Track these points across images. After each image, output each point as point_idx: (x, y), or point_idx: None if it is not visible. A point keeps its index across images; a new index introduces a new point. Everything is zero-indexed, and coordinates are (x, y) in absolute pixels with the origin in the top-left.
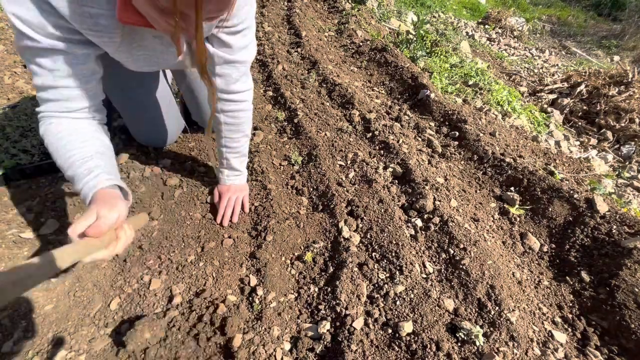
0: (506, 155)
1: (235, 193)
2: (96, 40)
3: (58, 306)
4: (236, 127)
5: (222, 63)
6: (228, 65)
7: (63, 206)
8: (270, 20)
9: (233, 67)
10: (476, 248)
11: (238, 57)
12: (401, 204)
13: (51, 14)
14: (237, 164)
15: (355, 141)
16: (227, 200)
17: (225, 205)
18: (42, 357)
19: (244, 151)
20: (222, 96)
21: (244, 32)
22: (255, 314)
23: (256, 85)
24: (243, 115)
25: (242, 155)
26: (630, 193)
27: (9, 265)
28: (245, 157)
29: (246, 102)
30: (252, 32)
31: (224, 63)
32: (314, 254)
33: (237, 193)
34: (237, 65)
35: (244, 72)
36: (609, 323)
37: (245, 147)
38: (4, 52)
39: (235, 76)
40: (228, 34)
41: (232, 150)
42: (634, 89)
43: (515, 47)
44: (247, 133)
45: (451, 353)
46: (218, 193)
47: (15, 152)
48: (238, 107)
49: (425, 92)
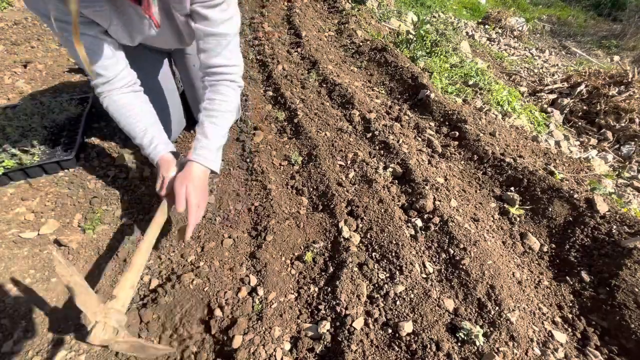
0: (506, 155)
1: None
2: (89, 13)
3: (58, 306)
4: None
5: (203, 36)
6: (209, 38)
7: (63, 206)
8: (270, 20)
9: (214, 39)
10: (476, 248)
11: (218, 29)
12: (401, 204)
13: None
14: (209, 131)
15: (355, 141)
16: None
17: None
18: (42, 357)
19: (221, 122)
20: (205, 71)
21: (221, 7)
22: (255, 314)
23: (256, 85)
24: (226, 90)
25: (218, 125)
26: (630, 193)
27: (8, 265)
28: (221, 133)
29: (230, 76)
30: (232, 6)
31: (204, 36)
32: (314, 254)
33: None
34: (218, 38)
35: (226, 46)
36: (609, 323)
37: (224, 119)
38: (4, 52)
39: (217, 50)
40: (205, 8)
41: (208, 114)
42: (634, 89)
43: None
44: (229, 104)
45: (451, 353)
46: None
47: (15, 152)
48: (220, 79)
49: (425, 92)
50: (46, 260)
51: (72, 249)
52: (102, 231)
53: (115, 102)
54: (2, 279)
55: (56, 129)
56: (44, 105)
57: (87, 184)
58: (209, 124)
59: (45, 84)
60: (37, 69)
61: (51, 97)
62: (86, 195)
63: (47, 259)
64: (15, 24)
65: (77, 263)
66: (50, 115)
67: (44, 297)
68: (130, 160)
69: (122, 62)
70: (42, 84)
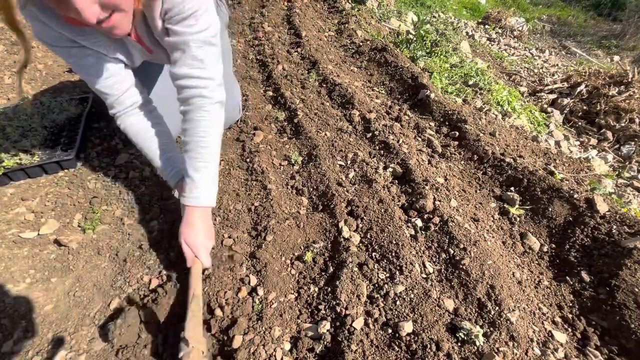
0: (506, 155)
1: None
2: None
3: (58, 306)
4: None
5: (172, 49)
6: (175, 50)
7: (63, 206)
8: (270, 20)
9: (180, 50)
10: (476, 248)
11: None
12: (401, 204)
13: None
14: (195, 172)
15: (355, 141)
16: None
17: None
18: (42, 357)
19: (204, 156)
20: (175, 83)
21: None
22: (255, 314)
23: (256, 85)
24: (198, 116)
25: (200, 160)
26: (630, 193)
27: (8, 265)
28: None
29: (200, 90)
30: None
31: (173, 48)
32: (314, 254)
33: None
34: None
35: (195, 55)
36: (609, 323)
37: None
38: (4, 52)
39: (183, 59)
40: (172, 24)
41: (189, 155)
42: (634, 89)
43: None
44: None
45: (451, 353)
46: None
47: (15, 152)
48: (190, 95)
49: (425, 92)
50: (46, 260)
51: (72, 249)
52: (102, 231)
53: (131, 126)
54: (2, 279)
55: (56, 129)
56: (44, 105)
57: (87, 184)
58: (194, 163)
59: (45, 84)
60: (37, 69)
61: (51, 97)
62: (86, 195)
63: (47, 259)
64: None
65: (77, 263)
66: (50, 115)
67: (44, 297)
68: (130, 160)
69: (128, 80)
70: (42, 84)
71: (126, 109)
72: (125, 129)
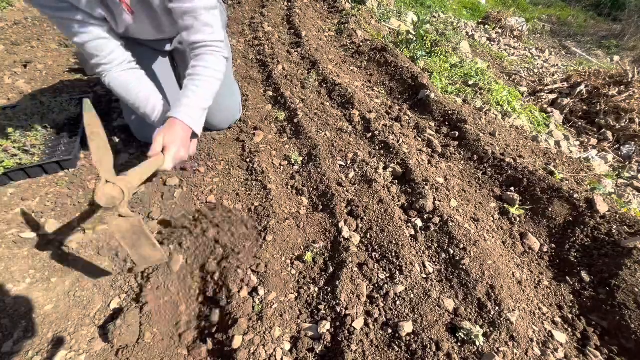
0: (506, 155)
1: (171, 143)
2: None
3: (58, 306)
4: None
5: (180, 15)
6: (186, 15)
7: (63, 206)
8: (270, 20)
9: (191, 17)
10: (476, 248)
11: (192, 5)
12: (401, 204)
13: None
14: (191, 91)
15: (355, 141)
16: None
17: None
18: (42, 357)
19: (204, 84)
20: (189, 47)
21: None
22: (256, 314)
23: (256, 85)
24: (208, 58)
25: (200, 87)
26: (630, 193)
27: (8, 265)
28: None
29: (213, 48)
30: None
31: (182, 14)
32: (314, 254)
33: (176, 145)
34: (194, 14)
35: (204, 21)
36: (609, 323)
37: (207, 83)
38: (4, 52)
39: (197, 27)
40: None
41: (191, 77)
42: (634, 89)
43: (515, 47)
44: (212, 71)
45: (451, 353)
46: (160, 141)
47: (15, 152)
48: (204, 51)
49: (425, 92)
50: (46, 260)
51: (72, 249)
52: (102, 231)
53: (115, 79)
54: (2, 279)
55: (56, 129)
56: (44, 105)
57: (87, 184)
58: (191, 86)
59: (45, 84)
60: (37, 69)
61: (51, 97)
62: (86, 195)
63: (47, 259)
64: (15, 24)
65: (77, 263)
66: (50, 115)
67: (44, 297)
68: (131, 160)
69: (113, 42)
70: (42, 84)
71: (112, 66)
72: (110, 83)
